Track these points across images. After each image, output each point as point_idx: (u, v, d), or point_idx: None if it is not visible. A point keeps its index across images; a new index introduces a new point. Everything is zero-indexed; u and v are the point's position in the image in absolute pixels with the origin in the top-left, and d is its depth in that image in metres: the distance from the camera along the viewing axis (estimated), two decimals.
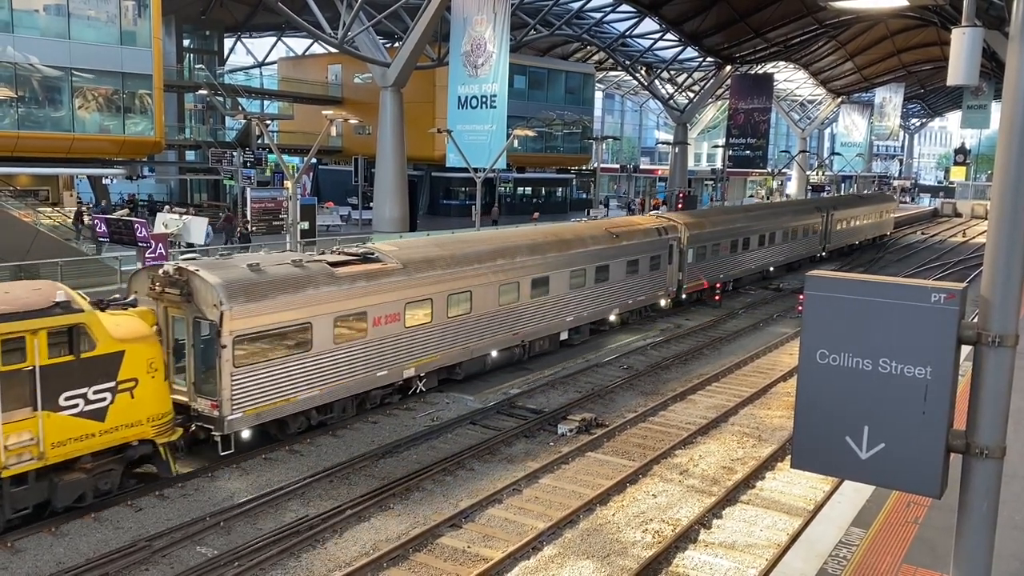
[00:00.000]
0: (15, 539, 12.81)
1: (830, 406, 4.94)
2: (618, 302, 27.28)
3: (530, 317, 23.05)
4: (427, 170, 59.51)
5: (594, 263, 25.49)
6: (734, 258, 35.94)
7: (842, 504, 11.97)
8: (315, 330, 16.79)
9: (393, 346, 18.74)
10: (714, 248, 33.62)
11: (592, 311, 25.94)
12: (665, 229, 30.17)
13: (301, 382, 16.68)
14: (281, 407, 16.44)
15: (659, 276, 29.63)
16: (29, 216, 28.94)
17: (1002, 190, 4.60)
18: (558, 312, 24.24)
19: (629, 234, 27.86)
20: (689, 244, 31.42)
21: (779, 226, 40.79)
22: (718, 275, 34.34)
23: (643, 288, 28.78)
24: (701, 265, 32.79)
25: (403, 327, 18.88)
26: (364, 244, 21.77)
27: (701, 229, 32.70)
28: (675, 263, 30.70)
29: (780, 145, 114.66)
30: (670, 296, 31.00)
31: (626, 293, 27.67)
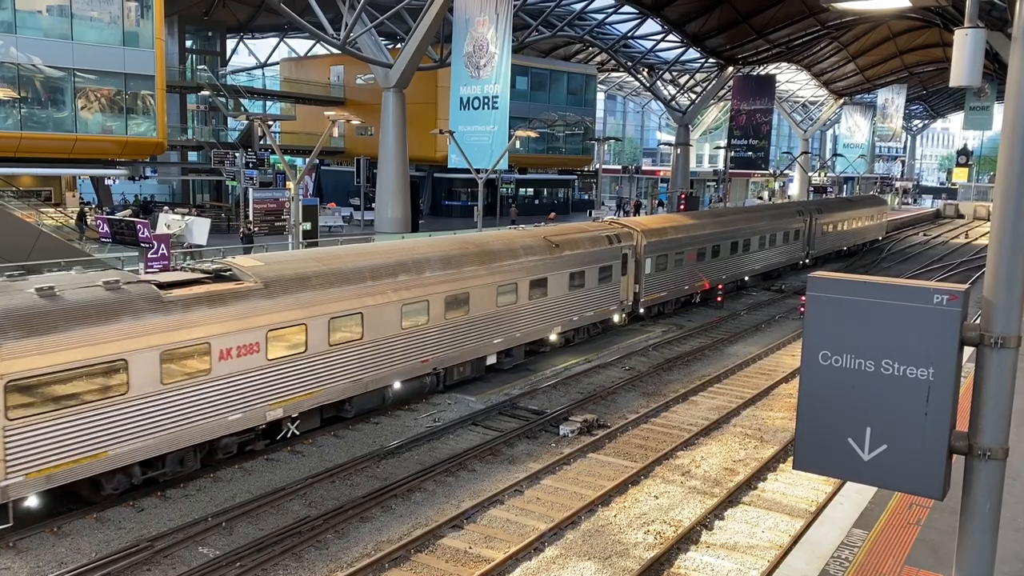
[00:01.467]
0: (17, 539, 12.83)
1: (832, 407, 4.95)
2: (560, 319, 24.43)
3: (446, 340, 20.02)
4: (429, 171, 59.56)
5: (528, 276, 22.57)
6: (702, 267, 33.02)
7: (844, 505, 11.97)
8: (133, 369, 13.62)
9: (250, 383, 15.49)
10: (677, 257, 30.79)
11: (527, 330, 23.04)
12: (618, 236, 27.39)
13: (113, 434, 13.51)
14: (85, 466, 13.25)
15: (611, 289, 26.85)
16: (31, 216, 28.98)
17: (1005, 191, 4.60)
18: (483, 333, 21.30)
19: (572, 243, 25.00)
20: (647, 253, 28.69)
21: (755, 232, 37.75)
22: (682, 286, 31.67)
23: (591, 303, 25.89)
24: (662, 276, 30.17)
25: (265, 359, 15.67)
26: (225, 259, 18.10)
27: (661, 236, 29.91)
28: (630, 274, 28.10)
29: (782, 146, 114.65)
30: (625, 311, 28.32)
31: (569, 309, 24.83)
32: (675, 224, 31.92)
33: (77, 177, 42.29)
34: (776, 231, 40.08)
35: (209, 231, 28.36)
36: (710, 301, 34.34)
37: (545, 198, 67.49)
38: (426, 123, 50.31)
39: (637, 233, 28.73)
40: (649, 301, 29.59)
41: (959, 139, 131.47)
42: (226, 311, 15.01)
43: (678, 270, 31.14)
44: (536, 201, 66.42)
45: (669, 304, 31.59)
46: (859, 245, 54.06)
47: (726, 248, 34.81)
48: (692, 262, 32.04)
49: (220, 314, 14.91)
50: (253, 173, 45.42)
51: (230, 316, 15.04)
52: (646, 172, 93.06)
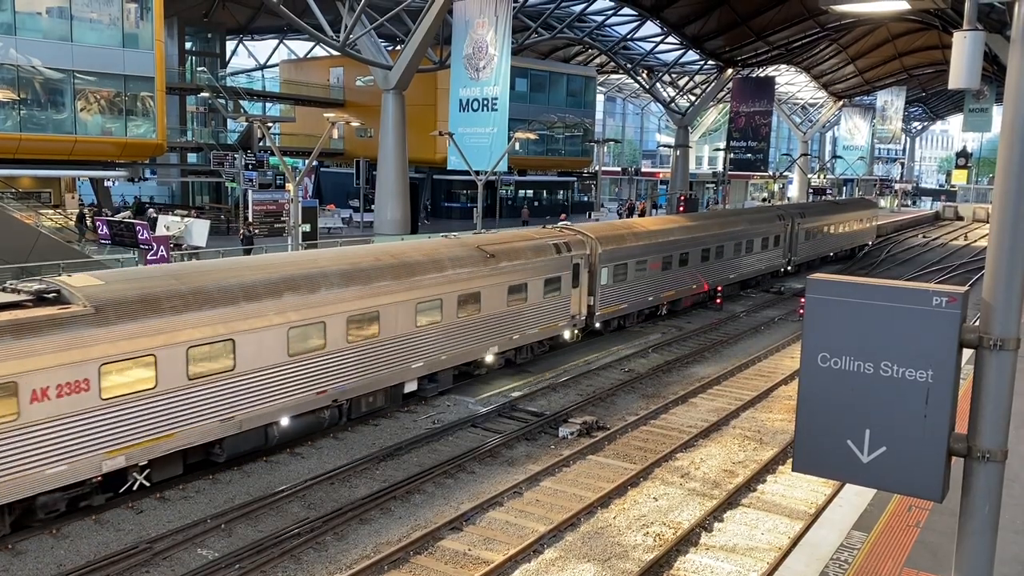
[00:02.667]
0: (16, 541, 12.82)
1: (832, 409, 4.95)
2: (497, 338, 21.91)
3: (349, 367, 17.46)
4: (429, 173, 59.59)
5: (456, 291, 20.10)
6: (668, 277, 30.56)
7: (843, 508, 11.97)
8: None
9: (76, 428, 12.97)
10: (639, 266, 28.31)
11: (456, 352, 20.48)
12: (568, 245, 24.82)
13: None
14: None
15: (560, 303, 24.31)
16: (31, 218, 28.98)
17: (1004, 193, 4.61)
18: (398, 357, 18.68)
19: (511, 252, 22.41)
20: (603, 262, 26.22)
21: (729, 237, 35.07)
22: (645, 297, 29.20)
23: (536, 318, 23.35)
24: (621, 287, 27.65)
25: (98, 399, 13.17)
26: (60, 275, 15.48)
27: (619, 244, 27.36)
28: (583, 286, 25.56)
29: (782, 148, 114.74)
30: (578, 326, 25.77)
31: (509, 326, 22.26)
32: (636, 230, 29.44)
33: (76, 179, 42.30)
34: (753, 236, 37.44)
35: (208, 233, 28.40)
36: (709, 303, 34.35)
37: (544, 200, 67.49)
38: (426, 125, 50.32)
39: (591, 241, 26.14)
40: (606, 315, 27.08)
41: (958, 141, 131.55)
42: (41, 342, 12.41)
43: (640, 280, 28.64)
44: (536, 203, 66.44)
45: (631, 317, 29.18)
46: (847, 250, 51.81)
47: (696, 255, 32.29)
48: (656, 271, 29.60)
49: (32, 346, 12.29)
50: (252, 175, 45.47)
51: (47, 348, 12.46)
52: (645, 174, 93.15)
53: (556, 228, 26.82)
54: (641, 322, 30.12)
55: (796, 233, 42.02)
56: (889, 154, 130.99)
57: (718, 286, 34.16)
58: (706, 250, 33.06)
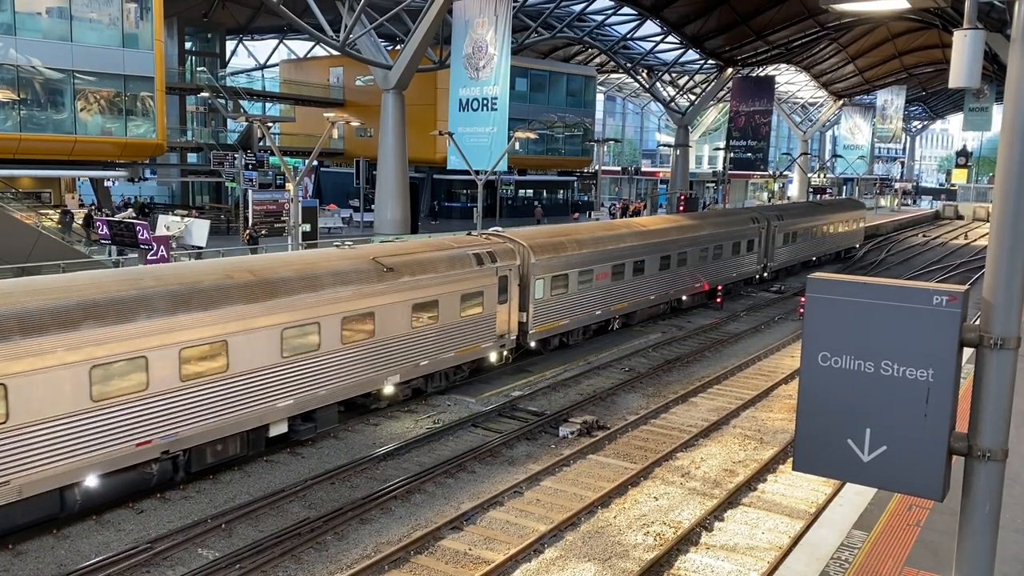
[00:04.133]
0: (17, 541, 12.82)
1: (832, 409, 4.95)
2: (398, 366, 18.87)
3: (184, 411, 14.45)
4: (429, 172, 59.60)
5: (340, 312, 17.12)
6: (620, 288, 27.61)
7: (844, 507, 11.97)
8: None
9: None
10: (583, 277, 25.51)
11: (339, 385, 17.41)
12: (492, 255, 21.86)
13: None
14: None
15: (483, 321, 21.42)
16: (31, 218, 28.98)
17: (1004, 192, 4.61)
18: (256, 395, 15.66)
19: (417, 265, 19.43)
20: (538, 273, 23.47)
21: (693, 243, 32.09)
22: (592, 312, 26.33)
23: (451, 340, 20.41)
24: (561, 301, 24.71)
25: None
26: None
27: (557, 253, 24.40)
28: (513, 300, 22.54)
29: (782, 147, 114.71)
30: (507, 347, 22.75)
31: (414, 351, 19.24)
32: (579, 237, 26.27)
33: (77, 179, 42.30)
34: (722, 241, 34.49)
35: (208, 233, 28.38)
36: (710, 302, 34.34)
37: (545, 200, 67.52)
38: (425, 124, 50.32)
39: (522, 249, 23.23)
40: (543, 332, 24.13)
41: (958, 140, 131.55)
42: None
43: (585, 293, 25.68)
44: (536, 203, 66.45)
45: (575, 334, 26.21)
46: (831, 255, 48.95)
47: (653, 263, 29.33)
48: (605, 282, 26.65)
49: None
50: (252, 175, 45.47)
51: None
52: (645, 173, 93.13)
53: (481, 235, 23.85)
54: (589, 339, 27.11)
55: (773, 237, 39.28)
56: (889, 153, 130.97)
57: (682, 294, 31.92)
58: (666, 257, 30.08)
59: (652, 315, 30.52)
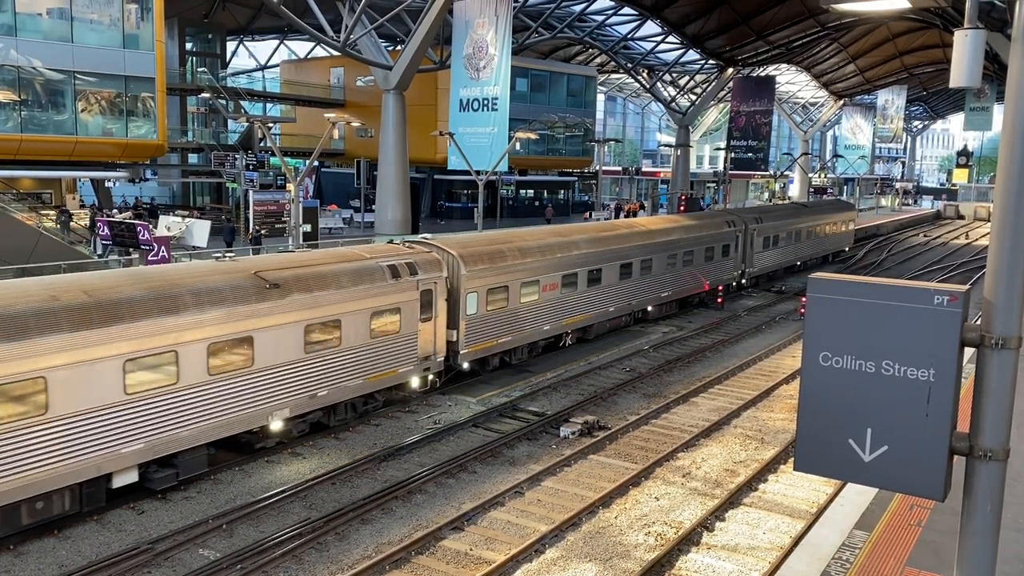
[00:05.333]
0: (18, 542, 12.83)
1: (833, 409, 4.95)
2: (287, 398, 16.37)
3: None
4: (429, 172, 59.61)
5: (205, 338, 14.66)
6: (573, 299, 25.06)
7: (845, 507, 11.97)
8: None
9: None
10: (528, 288, 23.03)
11: (206, 425, 14.92)
12: (412, 266, 19.30)
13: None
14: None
15: (400, 342, 18.95)
16: (32, 219, 29.00)
17: (1005, 192, 4.60)
18: (89, 441, 13.29)
19: (311, 280, 16.89)
20: (471, 286, 21.00)
21: (658, 249, 29.49)
22: (540, 327, 23.82)
23: (357, 366, 17.86)
24: (501, 315, 22.16)
25: None
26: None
27: (494, 262, 21.88)
28: (438, 317, 20.08)
29: (782, 147, 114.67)
30: (433, 370, 20.18)
31: (308, 380, 16.74)
32: (522, 244, 23.53)
33: (77, 180, 42.33)
34: (693, 247, 31.99)
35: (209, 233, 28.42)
36: (710, 302, 34.33)
37: (545, 200, 67.54)
38: (426, 125, 50.32)
39: (451, 259, 20.82)
40: (479, 352, 21.64)
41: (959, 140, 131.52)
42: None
43: (530, 306, 23.28)
44: (536, 203, 66.47)
45: (520, 352, 23.62)
46: (817, 259, 46.80)
47: (612, 272, 26.81)
48: (555, 294, 24.16)
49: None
50: (253, 175, 45.46)
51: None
52: (646, 173, 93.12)
53: (404, 243, 21.27)
54: (536, 356, 24.59)
55: (752, 240, 37.14)
56: (890, 153, 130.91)
57: (647, 305, 29.57)
58: (626, 265, 27.59)
59: (613, 328, 28.12)
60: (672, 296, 31.13)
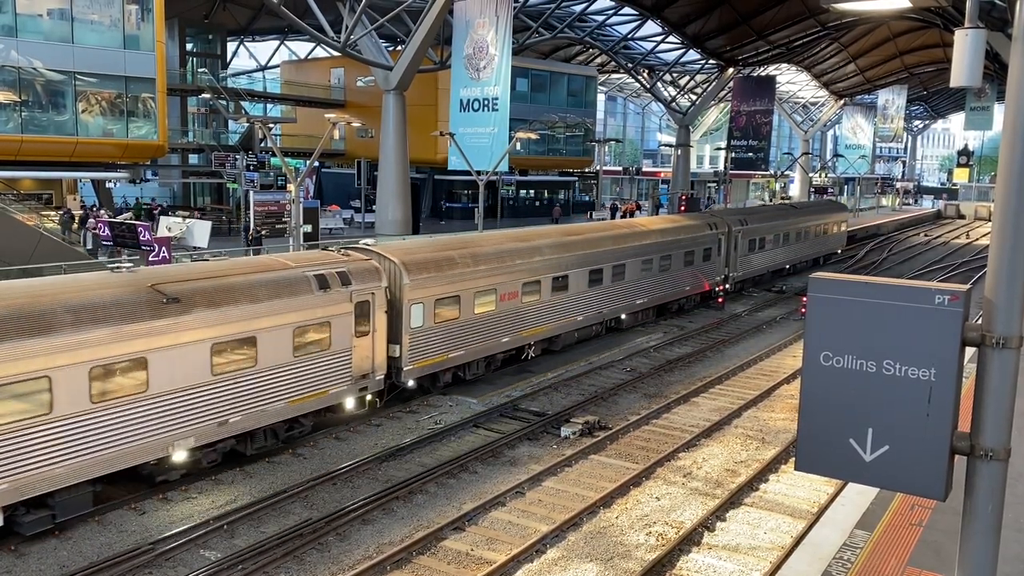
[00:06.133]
0: (19, 542, 12.84)
1: (834, 408, 4.94)
2: (190, 427, 14.64)
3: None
4: (430, 173, 59.64)
5: (87, 362, 13.05)
6: (535, 309, 23.29)
7: (846, 507, 11.96)
8: None
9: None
10: (483, 298, 21.42)
11: (93, 458, 13.30)
12: (344, 276, 17.54)
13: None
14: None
15: (332, 360, 17.25)
16: (32, 220, 29.01)
17: (1006, 192, 4.60)
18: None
19: (217, 294, 15.18)
20: (415, 296, 19.24)
21: (632, 253, 27.78)
22: (498, 339, 22.09)
23: (279, 387, 16.16)
24: (451, 328, 20.42)
25: None
26: None
27: (441, 270, 20.10)
28: (377, 331, 18.31)
29: (783, 147, 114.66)
30: (371, 389, 18.48)
31: (219, 404, 15.08)
32: (476, 250, 21.75)
33: (78, 180, 42.36)
34: (671, 251, 30.19)
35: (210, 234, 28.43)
36: (711, 302, 34.31)
37: (549, 199, 67.59)
38: (426, 125, 50.32)
39: (393, 267, 19.12)
40: (425, 368, 19.93)
41: (960, 139, 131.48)
42: None
43: (486, 318, 21.62)
44: (536, 203, 66.48)
45: (475, 366, 21.81)
46: (807, 262, 45.05)
47: (580, 279, 25.11)
48: (514, 303, 22.43)
49: None
50: (254, 176, 45.47)
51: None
52: (647, 173, 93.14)
53: (339, 250, 19.40)
54: (496, 370, 22.88)
55: (736, 244, 35.43)
56: (890, 153, 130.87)
57: (621, 313, 27.84)
58: (597, 271, 25.88)
59: (583, 339, 26.33)
60: (648, 303, 29.47)
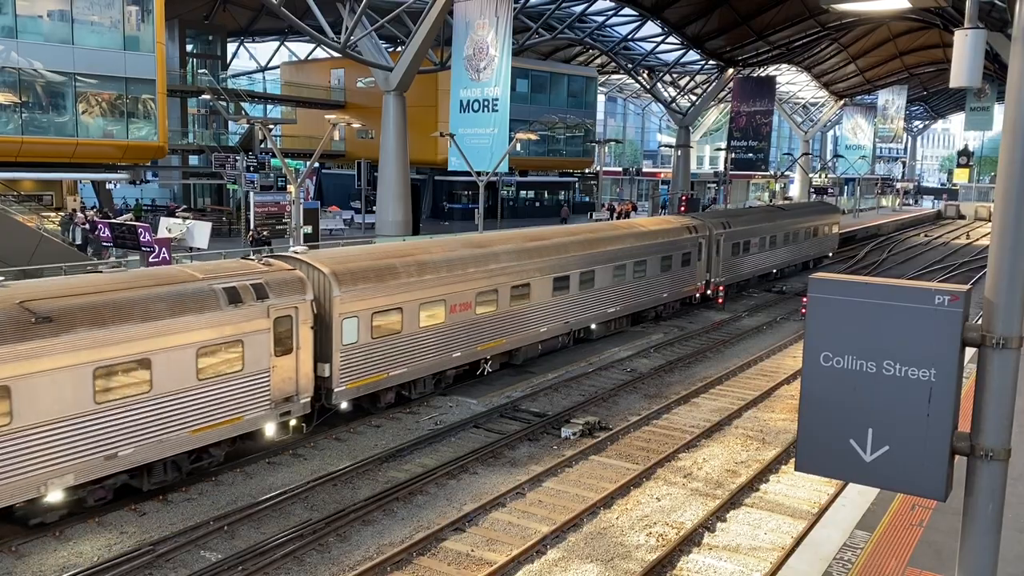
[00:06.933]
0: (19, 543, 12.84)
1: (834, 409, 4.95)
2: (67, 462, 13.01)
3: None
4: (430, 174, 59.67)
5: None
6: (491, 321, 21.59)
7: (846, 507, 11.96)
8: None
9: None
10: (430, 309, 19.64)
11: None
12: (261, 288, 15.81)
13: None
14: None
15: (246, 383, 15.53)
16: (33, 221, 29.02)
17: (1006, 192, 4.60)
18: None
19: (100, 311, 13.41)
20: (347, 310, 17.47)
21: (602, 259, 25.99)
22: (448, 354, 20.31)
23: (181, 416, 14.45)
24: (394, 343, 18.70)
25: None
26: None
27: (381, 280, 18.37)
28: (301, 349, 16.55)
29: (783, 148, 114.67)
30: (295, 413, 16.67)
31: (104, 437, 13.41)
32: (422, 257, 19.97)
33: (78, 182, 42.37)
34: (645, 256, 28.44)
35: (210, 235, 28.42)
36: (711, 303, 34.30)
37: (546, 201, 67.57)
38: (426, 126, 50.34)
39: (321, 278, 17.41)
40: (362, 388, 18.23)
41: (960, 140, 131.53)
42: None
43: (434, 331, 19.81)
44: (537, 204, 66.47)
45: (422, 384, 20.15)
46: (795, 265, 43.56)
47: (543, 287, 23.40)
48: (467, 315, 20.74)
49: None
50: (254, 177, 45.45)
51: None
52: (647, 174, 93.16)
53: (260, 260, 17.49)
54: (448, 388, 21.23)
55: (718, 248, 33.77)
56: (891, 153, 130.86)
57: (591, 323, 26.26)
58: (562, 279, 24.20)
59: (548, 350, 24.71)
60: (620, 312, 27.69)
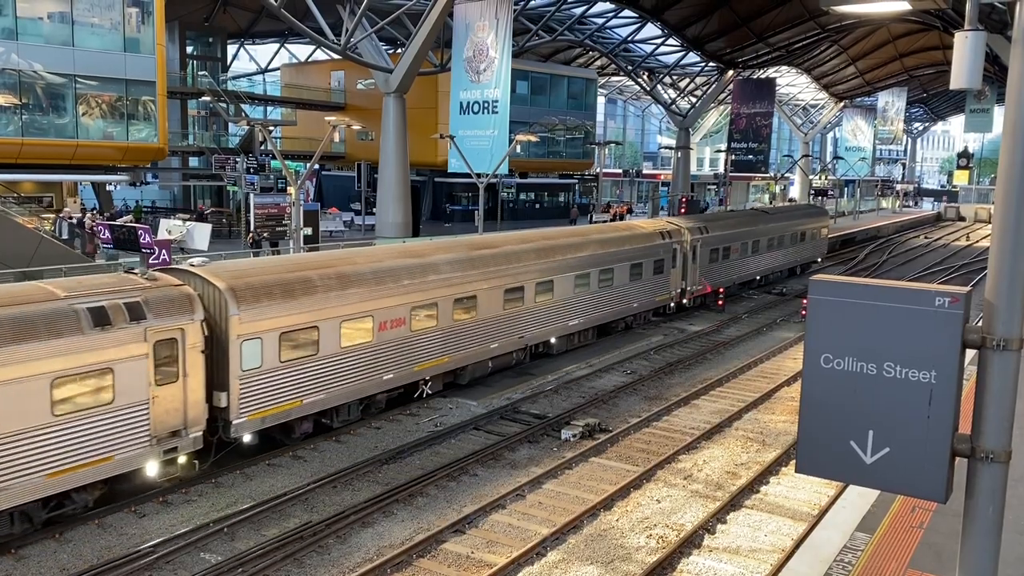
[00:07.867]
0: (19, 545, 12.83)
1: (834, 411, 4.94)
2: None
3: None
4: (430, 175, 59.69)
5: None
6: (431, 338, 19.58)
7: (847, 509, 11.95)
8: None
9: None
10: (355, 326, 17.63)
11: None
12: (132, 308, 13.81)
13: None
14: None
15: (120, 417, 13.61)
16: (32, 222, 29.02)
17: (1006, 193, 4.60)
18: None
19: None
20: (248, 331, 15.49)
21: (562, 268, 24.09)
22: (378, 376, 18.41)
23: (34, 458, 12.59)
24: (308, 366, 16.72)
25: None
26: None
27: (292, 296, 16.35)
28: (193, 377, 14.69)
29: (783, 149, 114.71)
30: (183, 448, 14.70)
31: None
32: (345, 268, 17.94)
33: (78, 183, 42.37)
34: (612, 264, 26.54)
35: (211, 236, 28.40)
36: (711, 304, 34.28)
37: (546, 202, 67.57)
38: (427, 128, 50.35)
39: (216, 294, 15.39)
40: (269, 418, 16.18)
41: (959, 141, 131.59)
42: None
43: (358, 351, 17.74)
44: (536, 205, 66.49)
45: (345, 411, 18.09)
46: (781, 271, 41.87)
47: (493, 299, 21.38)
48: (400, 332, 18.68)
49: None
50: (254, 178, 45.45)
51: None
52: (647, 176, 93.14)
53: (141, 274, 15.27)
54: (380, 413, 19.18)
55: (695, 254, 31.90)
56: (890, 155, 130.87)
57: (550, 336, 24.28)
58: (514, 289, 22.17)
59: (500, 368, 22.52)
60: (584, 324, 25.72)
